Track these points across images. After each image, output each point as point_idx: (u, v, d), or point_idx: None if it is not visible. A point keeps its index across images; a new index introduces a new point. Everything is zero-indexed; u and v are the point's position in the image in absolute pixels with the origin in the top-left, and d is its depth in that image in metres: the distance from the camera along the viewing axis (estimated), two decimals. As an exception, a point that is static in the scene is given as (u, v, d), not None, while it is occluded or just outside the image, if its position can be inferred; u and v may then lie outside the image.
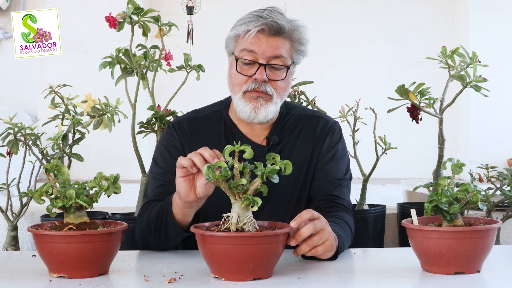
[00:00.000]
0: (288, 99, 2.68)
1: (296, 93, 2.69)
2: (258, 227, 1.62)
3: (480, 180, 2.60)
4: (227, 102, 2.13)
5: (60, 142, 2.35)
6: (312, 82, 2.70)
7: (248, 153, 1.61)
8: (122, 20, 2.38)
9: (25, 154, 2.42)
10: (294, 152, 2.06)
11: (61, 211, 1.69)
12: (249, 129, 2.08)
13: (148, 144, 4.40)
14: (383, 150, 2.56)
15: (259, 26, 1.96)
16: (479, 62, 2.27)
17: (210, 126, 2.10)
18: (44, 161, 2.43)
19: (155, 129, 2.50)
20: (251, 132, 2.08)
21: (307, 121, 2.12)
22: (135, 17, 2.39)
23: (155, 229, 1.92)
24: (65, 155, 2.39)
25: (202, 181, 1.74)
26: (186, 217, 1.86)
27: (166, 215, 1.88)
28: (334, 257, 1.82)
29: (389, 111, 2.35)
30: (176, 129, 2.10)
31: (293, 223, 1.67)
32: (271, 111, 2.01)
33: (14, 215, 2.47)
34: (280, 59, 1.99)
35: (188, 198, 1.77)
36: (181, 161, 1.72)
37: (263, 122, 2.05)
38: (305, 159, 2.07)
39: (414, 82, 2.28)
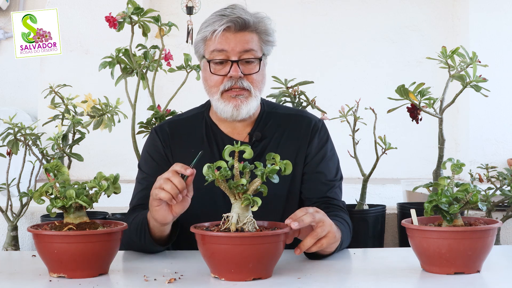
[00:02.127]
0: (288, 99, 2.68)
1: (296, 93, 2.69)
2: (258, 227, 1.62)
3: (480, 180, 2.60)
4: (208, 104, 2.15)
5: (60, 142, 2.35)
6: (312, 82, 2.70)
7: (248, 153, 1.61)
8: (122, 20, 2.38)
9: (25, 154, 2.42)
10: (278, 151, 2.05)
11: (61, 211, 1.69)
12: (230, 128, 2.09)
13: (148, 144, 4.39)
14: (383, 150, 2.56)
15: (225, 24, 1.98)
16: (479, 62, 2.27)
17: (192, 127, 2.12)
18: (44, 161, 2.43)
19: (155, 129, 2.50)
20: (232, 131, 2.09)
21: (291, 120, 2.12)
22: (135, 17, 2.39)
23: (137, 241, 1.93)
24: (65, 155, 2.39)
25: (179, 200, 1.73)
26: (164, 232, 1.89)
27: (144, 234, 1.89)
28: (335, 251, 1.83)
29: (389, 111, 2.35)
30: (158, 133, 2.12)
31: (288, 220, 1.67)
32: (252, 106, 2.02)
33: (14, 215, 2.47)
34: (250, 53, 2.01)
35: (165, 221, 1.79)
36: (160, 194, 1.71)
37: (245, 119, 2.06)
38: (291, 159, 2.06)
39: (414, 82, 2.28)
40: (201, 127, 2.11)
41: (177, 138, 2.10)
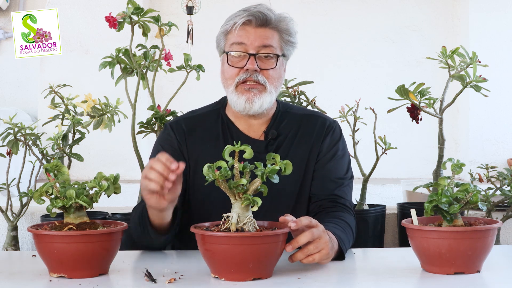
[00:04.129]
0: (288, 99, 2.68)
1: (296, 93, 2.69)
2: (258, 227, 1.62)
3: (480, 180, 2.60)
4: (223, 101, 2.15)
5: (60, 142, 2.35)
6: (312, 82, 2.71)
7: (248, 153, 1.61)
8: (122, 20, 2.38)
9: (25, 154, 2.43)
10: (292, 150, 2.06)
11: (61, 211, 1.69)
12: (246, 125, 2.09)
13: (148, 144, 4.39)
14: (383, 150, 2.56)
15: (245, 17, 2.00)
16: (479, 62, 2.27)
17: (208, 124, 2.11)
18: (44, 161, 2.43)
19: (155, 129, 2.50)
20: (248, 128, 2.09)
21: (305, 120, 2.13)
22: (135, 17, 2.39)
23: (141, 234, 1.93)
24: (65, 155, 2.40)
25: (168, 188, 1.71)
26: (164, 219, 1.87)
27: (145, 224, 1.90)
28: (341, 258, 1.83)
29: (389, 111, 2.36)
30: (174, 128, 2.11)
31: (292, 224, 1.65)
32: (265, 100, 2.02)
33: (14, 215, 2.47)
34: (269, 48, 2.01)
35: (160, 207, 1.78)
36: (150, 185, 1.70)
37: (259, 115, 2.06)
38: (304, 158, 2.07)
39: (414, 82, 2.28)
40: (217, 124, 2.11)
41: (194, 135, 2.10)
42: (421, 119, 2.37)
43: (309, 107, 2.68)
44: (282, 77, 2.08)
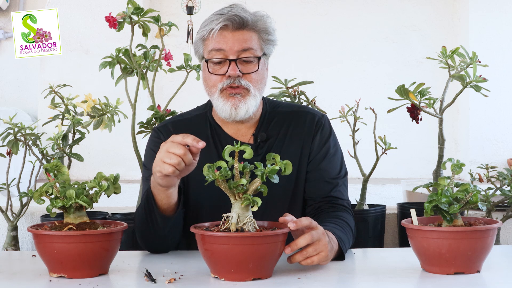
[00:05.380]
0: (288, 99, 2.68)
1: (296, 93, 2.69)
2: (258, 227, 1.62)
3: (480, 180, 2.60)
4: (210, 105, 2.12)
5: (60, 142, 2.35)
6: (312, 82, 2.70)
7: (248, 153, 1.61)
8: (122, 20, 2.38)
9: (25, 154, 2.43)
10: (283, 150, 2.04)
11: (61, 211, 1.69)
12: (234, 129, 2.07)
13: (148, 144, 4.39)
14: (383, 150, 2.56)
15: (221, 22, 1.97)
16: (479, 62, 2.27)
17: (196, 128, 2.08)
18: (44, 161, 2.43)
19: (155, 129, 2.50)
20: (236, 132, 2.07)
21: (293, 117, 2.10)
22: (135, 17, 2.39)
23: (147, 224, 1.92)
24: (65, 155, 2.40)
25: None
26: (171, 198, 1.87)
27: (151, 207, 1.88)
28: (341, 258, 1.83)
29: (389, 111, 2.35)
30: (162, 132, 2.08)
31: (291, 225, 1.65)
32: (250, 105, 1.99)
33: (14, 215, 2.47)
34: (249, 51, 1.98)
35: (170, 185, 1.81)
36: (164, 171, 1.73)
37: (246, 120, 2.04)
38: (296, 157, 2.05)
39: (414, 82, 2.28)
40: (205, 128, 2.08)
41: None
42: (421, 119, 2.37)
43: (306, 104, 2.68)
44: (265, 77, 2.05)
